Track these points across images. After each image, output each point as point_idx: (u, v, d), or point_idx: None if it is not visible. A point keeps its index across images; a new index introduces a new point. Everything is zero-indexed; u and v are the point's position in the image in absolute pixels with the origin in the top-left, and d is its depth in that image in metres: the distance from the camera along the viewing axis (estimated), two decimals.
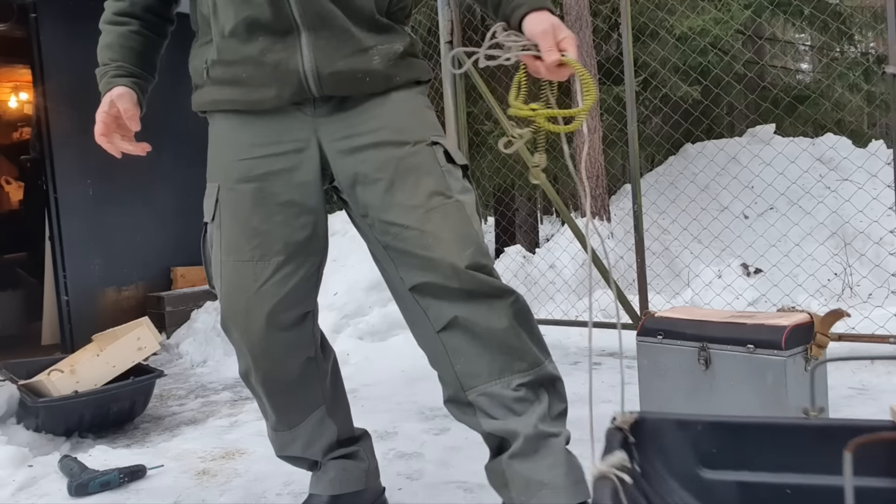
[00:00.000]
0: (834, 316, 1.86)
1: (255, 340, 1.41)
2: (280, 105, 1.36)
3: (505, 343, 1.32)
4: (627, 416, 0.91)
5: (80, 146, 4.11)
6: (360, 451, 1.60)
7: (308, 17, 1.31)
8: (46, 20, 3.99)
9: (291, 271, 1.40)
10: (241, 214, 1.40)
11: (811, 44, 7.92)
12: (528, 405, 1.33)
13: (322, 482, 1.57)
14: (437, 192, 1.33)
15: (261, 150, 1.39)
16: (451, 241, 1.31)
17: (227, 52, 1.36)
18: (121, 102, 1.41)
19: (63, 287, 4.06)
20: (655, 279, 4.53)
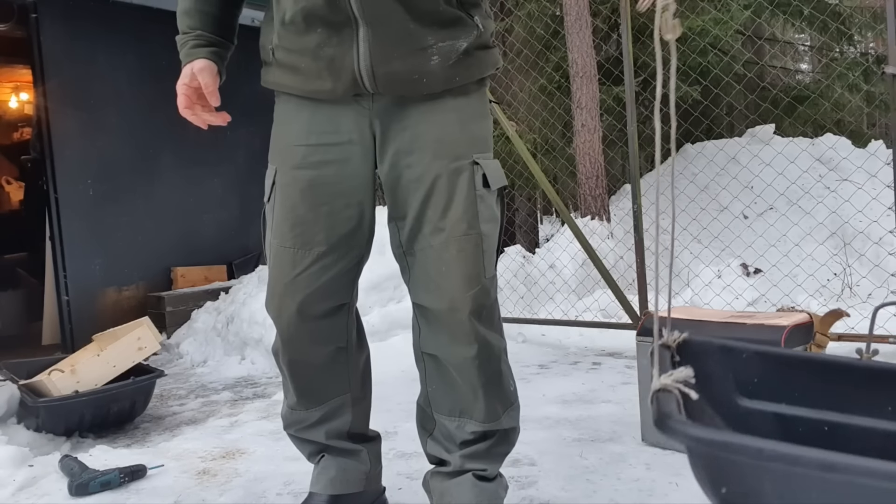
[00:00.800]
0: (833, 316, 1.86)
1: (286, 326, 1.43)
2: (335, 97, 1.35)
3: (467, 396, 1.40)
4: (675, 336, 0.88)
5: (81, 146, 4.12)
6: (363, 452, 1.60)
7: (366, 11, 1.27)
8: (47, 20, 3.99)
9: (331, 263, 1.40)
10: (290, 200, 1.40)
11: (811, 44, 7.92)
12: (468, 446, 1.43)
13: (322, 481, 1.57)
14: (464, 220, 1.33)
15: (317, 137, 1.38)
16: (459, 279, 1.33)
17: (286, 40, 1.36)
18: (202, 76, 1.40)
19: (63, 287, 4.06)
20: (655, 279, 4.53)
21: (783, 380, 0.87)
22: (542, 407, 2.56)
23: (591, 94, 5.03)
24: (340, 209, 1.39)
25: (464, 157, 1.35)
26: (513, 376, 1.48)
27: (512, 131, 3.99)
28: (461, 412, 1.42)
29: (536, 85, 6.07)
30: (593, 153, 5.05)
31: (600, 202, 5.04)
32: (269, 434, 2.38)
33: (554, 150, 5.78)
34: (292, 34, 1.34)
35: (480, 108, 1.42)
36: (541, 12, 5.80)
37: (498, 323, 1.43)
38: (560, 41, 5.60)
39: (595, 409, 2.50)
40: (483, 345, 1.36)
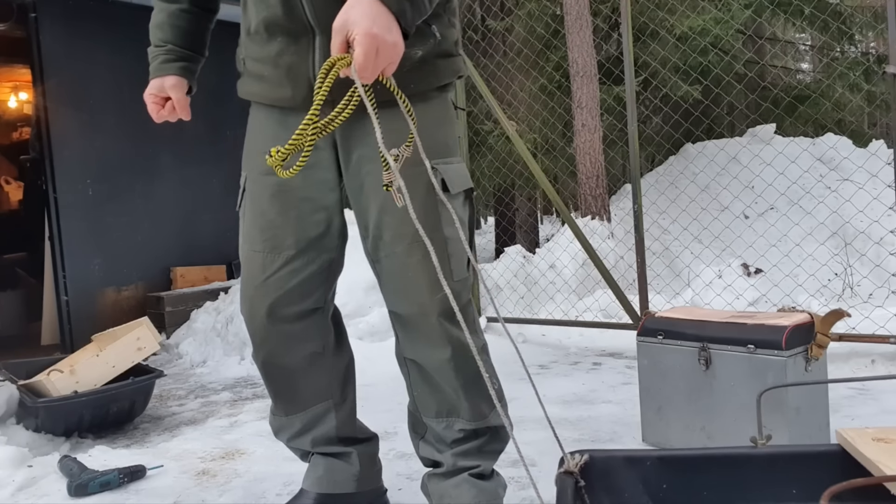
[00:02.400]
0: (834, 316, 1.86)
1: (256, 329, 1.46)
2: (296, 105, 1.37)
3: (451, 397, 1.42)
4: (577, 459, 0.90)
5: (80, 146, 4.11)
6: (353, 454, 1.60)
7: (321, 20, 1.29)
8: (46, 20, 3.98)
9: (300, 266, 1.42)
10: (259, 206, 1.43)
11: (811, 44, 7.92)
12: (459, 444, 1.44)
13: (310, 478, 1.59)
14: (425, 225, 1.31)
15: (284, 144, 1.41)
16: (425, 284, 1.34)
17: (251, 50, 1.40)
18: (174, 93, 1.47)
19: (63, 287, 4.05)
20: (656, 279, 4.53)
21: (690, 480, 0.89)
22: None
23: (592, 94, 5.02)
24: (309, 213, 1.41)
25: (421, 163, 1.32)
26: (495, 374, 1.47)
27: (512, 131, 3.99)
28: (448, 412, 1.43)
29: (537, 84, 6.06)
30: (593, 153, 5.04)
31: (600, 202, 5.03)
32: (269, 434, 2.36)
33: (554, 150, 5.77)
34: (256, 44, 1.38)
35: (441, 113, 1.42)
36: (541, 12, 5.80)
37: (473, 323, 1.44)
38: (560, 40, 5.60)
39: (595, 410, 2.49)
40: (457, 346, 1.37)
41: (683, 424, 1.93)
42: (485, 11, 6.75)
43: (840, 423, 2.15)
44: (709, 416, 1.88)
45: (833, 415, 1.97)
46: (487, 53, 5.45)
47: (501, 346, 3.95)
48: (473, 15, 7.01)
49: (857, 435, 0.89)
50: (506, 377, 3.06)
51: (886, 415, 2.27)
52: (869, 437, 0.88)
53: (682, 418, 1.94)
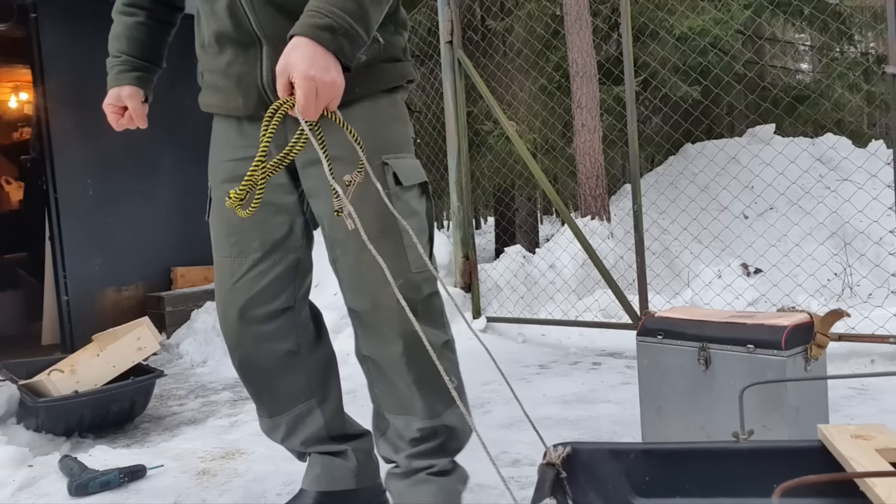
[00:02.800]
0: (834, 316, 1.86)
1: (230, 331, 1.50)
2: (249, 114, 1.42)
3: (406, 393, 1.42)
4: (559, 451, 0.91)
5: (80, 146, 4.11)
6: (348, 450, 1.61)
7: (267, 31, 1.33)
8: (46, 20, 3.99)
9: (267, 268, 1.46)
10: (224, 213, 1.47)
11: (811, 44, 7.92)
12: (417, 444, 1.45)
13: (309, 477, 1.61)
14: (378, 219, 1.35)
15: (242, 152, 1.45)
16: (380, 278, 1.34)
17: (205, 62, 1.45)
18: (130, 102, 1.54)
19: (63, 287, 4.06)
20: (655, 279, 4.53)
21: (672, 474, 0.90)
22: (542, 407, 2.56)
23: (591, 94, 5.02)
24: (271, 216, 1.45)
25: (372, 160, 1.36)
26: (456, 372, 1.48)
27: (512, 131, 3.99)
28: (406, 410, 1.44)
29: (536, 85, 6.07)
30: (593, 153, 5.04)
31: (600, 202, 5.04)
32: None
33: (554, 150, 5.77)
34: (210, 56, 1.43)
35: (391, 113, 1.44)
36: (541, 12, 5.80)
37: (438, 317, 1.45)
38: (560, 41, 5.60)
39: (595, 410, 2.50)
40: (411, 341, 1.37)
41: (683, 424, 1.94)
42: (485, 12, 6.75)
43: (839, 422, 2.15)
44: (708, 416, 1.88)
45: (833, 414, 1.97)
46: (487, 54, 5.45)
47: (502, 347, 3.97)
48: (473, 15, 7.01)
49: (837, 431, 0.90)
50: (506, 377, 3.03)
51: (886, 414, 2.28)
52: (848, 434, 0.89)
53: (681, 418, 1.94)
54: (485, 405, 2.61)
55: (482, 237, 10.08)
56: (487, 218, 11.99)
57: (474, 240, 4.28)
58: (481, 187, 6.66)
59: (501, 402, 2.64)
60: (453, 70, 4.07)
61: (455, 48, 4.05)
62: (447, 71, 4.10)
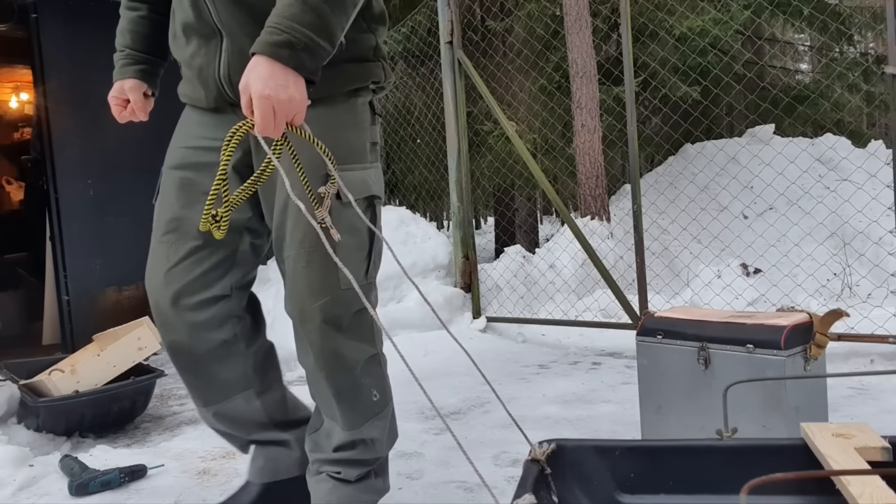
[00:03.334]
0: (833, 316, 1.86)
1: (162, 316, 1.49)
2: (210, 106, 1.43)
3: (329, 402, 1.44)
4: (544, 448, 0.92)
5: (81, 146, 4.11)
6: (291, 440, 1.61)
7: (227, 24, 1.34)
8: (47, 20, 3.99)
9: (204, 256, 1.47)
10: (167, 197, 1.51)
11: (810, 44, 7.93)
12: (338, 451, 1.47)
13: (253, 469, 1.62)
14: (314, 232, 1.33)
15: (199, 141, 1.47)
16: (307, 290, 1.37)
17: (176, 52, 1.48)
18: (131, 94, 1.56)
19: (64, 287, 4.06)
20: (655, 279, 4.53)
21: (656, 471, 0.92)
22: (541, 407, 2.56)
23: (591, 95, 5.03)
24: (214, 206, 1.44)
25: (315, 172, 1.34)
26: (380, 386, 1.48)
27: (512, 131, 3.99)
28: (331, 416, 1.47)
29: (536, 85, 6.07)
30: (593, 153, 5.05)
31: (600, 202, 5.04)
32: None
33: (554, 150, 5.78)
34: (178, 47, 1.45)
35: (346, 119, 1.41)
36: (541, 12, 5.81)
37: (367, 332, 1.45)
38: (560, 41, 5.61)
39: (595, 409, 2.50)
40: (332, 356, 1.39)
41: (683, 424, 1.94)
42: (484, 12, 6.76)
43: (839, 422, 2.15)
44: (708, 416, 1.88)
45: (832, 414, 1.98)
46: (487, 54, 5.45)
47: (502, 347, 3.98)
48: (473, 15, 7.01)
49: (819, 430, 0.91)
50: (506, 377, 3.08)
51: (886, 414, 2.28)
52: (830, 433, 0.90)
53: (681, 418, 1.94)
54: (485, 405, 2.61)
55: (482, 237, 10.08)
56: (487, 218, 12.00)
57: (474, 240, 4.29)
58: (481, 187, 6.66)
59: None
60: (453, 70, 4.08)
61: (455, 48, 4.06)
62: (447, 71, 4.11)
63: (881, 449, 0.85)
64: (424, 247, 4.27)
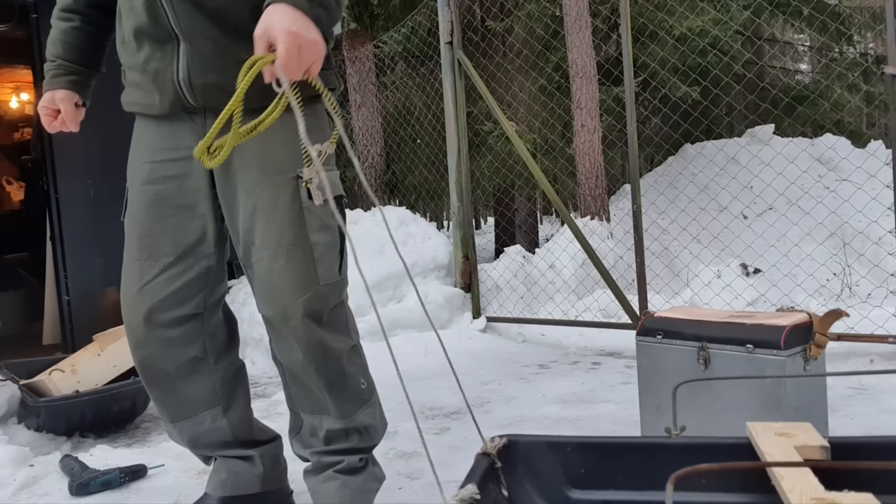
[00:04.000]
0: (833, 316, 1.86)
1: (133, 333, 1.49)
2: (165, 112, 1.43)
3: (319, 396, 1.46)
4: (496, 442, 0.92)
5: (81, 147, 4.11)
6: (255, 456, 1.61)
7: (183, 28, 1.35)
8: (47, 21, 3.96)
9: (178, 273, 1.47)
10: (137, 214, 1.49)
11: (810, 44, 7.93)
12: (329, 443, 1.48)
13: (213, 482, 1.61)
14: (290, 231, 1.37)
15: (160, 154, 1.47)
16: (289, 288, 1.38)
17: (125, 58, 1.47)
18: (62, 105, 1.55)
19: (64, 287, 4.06)
20: (655, 279, 4.53)
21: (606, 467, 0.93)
22: (541, 407, 2.57)
23: (591, 95, 5.03)
24: (185, 221, 1.46)
25: (287, 171, 1.39)
26: (365, 374, 1.52)
27: (511, 132, 4.00)
28: (319, 410, 1.48)
29: (536, 85, 6.07)
30: (593, 153, 5.05)
31: (600, 202, 5.04)
32: None
33: (554, 151, 5.78)
34: (128, 52, 1.45)
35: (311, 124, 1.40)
36: (541, 12, 5.81)
37: (343, 325, 1.48)
38: (560, 41, 5.61)
39: (595, 409, 2.50)
40: (320, 349, 1.41)
41: (682, 423, 1.94)
42: (484, 12, 6.76)
43: (839, 422, 2.16)
44: (708, 416, 1.88)
45: (832, 414, 1.98)
46: (487, 54, 5.45)
47: (501, 347, 3.97)
48: (473, 16, 7.02)
49: (763, 429, 0.93)
50: (505, 377, 3.09)
51: (885, 414, 2.28)
52: (773, 432, 0.92)
53: (680, 418, 1.94)
54: (485, 405, 2.61)
55: (482, 237, 10.08)
56: (487, 218, 11.99)
57: (474, 240, 4.29)
58: (481, 187, 6.66)
59: (501, 401, 2.65)
60: (453, 70, 4.08)
61: (455, 49, 4.06)
62: (447, 71, 4.11)
63: (820, 448, 0.87)
64: (424, 247, 4.27)
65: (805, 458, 0.85)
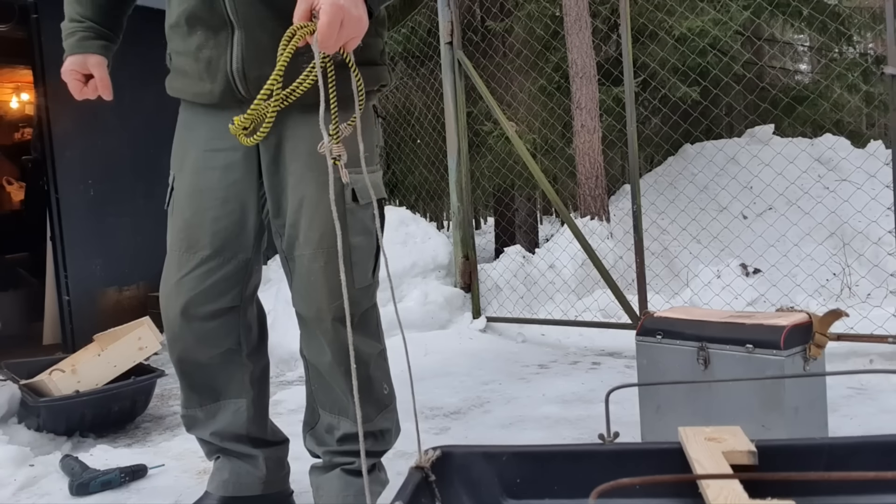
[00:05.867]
0: (833, 316, 1.87)
1: (170, 325, 1.49)
2: (214, 101, 1.39)
3: (341, 398, 1.46)
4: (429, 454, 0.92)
5: (81, 146, 4.12)
6: (260, 457, 1.60)
7: (240, 16, 1.30)
8: (47, 21, 3.99)
9: (216, 266, 1.44)
10: (179, 205, 1.46)
11: (810, 44, 7.93)
12: (343, 443, 1.48)
13: (215, 481, 1.60)
14: (332, 232, 1.33)
15: (206, 143, 1.43)
16: (326, 290, 1.37)
17: (174, 43, 1.42)
18: (97, 70, 1.48)
19: (64, 287, 4.06)
20: (654, 279, 4.53)
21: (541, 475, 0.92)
22: (541, 407, 2.57)
23: (591, 95, 5.03)
24: (226, 214, 1.43)
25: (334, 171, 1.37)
26: (388, 380, 1.53)
27: (511, 132, 4.00)
28: (339, 411, 1.47)
29: (536, 85, 6.07)
30: (593, 153, 5.05)
31: (600, 202, 5.04)
32: None
33: (554, 151, 5.78)
34: (178, 37, 1.39)
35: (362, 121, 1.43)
36: (540, 13, 5.81)
37: (373, 329, 1.49)
38: (560, 42, 5.61)
39: (595, 409, 2.50)
40: (346, 354, 1.38)
41: (682, 424, 1.94)
42: (484, 12, 6.76)
43: (838, 422, 2.16)
44: (707, 416, 1.89)
45: (832, 414, 1.98)
46: (487, 54, 5.46)
47: (501, 346, 3.97)
48: (473, 16, 7.02)
49: (692, 433, 0.94)
50: (505, 377, 3.09)
51: (885, 414, 2.29)
52: (702, 437, 0.93)
53: (680, 418, 1.95)
54: (484, 405, 2.61)
55: (482, 237, 10.08)
56: (487, 218, 11.99)
57: (474, 240, 4.29)
58: (481, 187, 6.66)
59: (501, 401, 2.65)
60: (453, 71, 4.08)
61: (455, 49, 4.06)
62: (447, 71, 4.11)
63: (747, 453, 0.88)
64: (424, 247, 4.27)
65: (732, 462, 0.86)
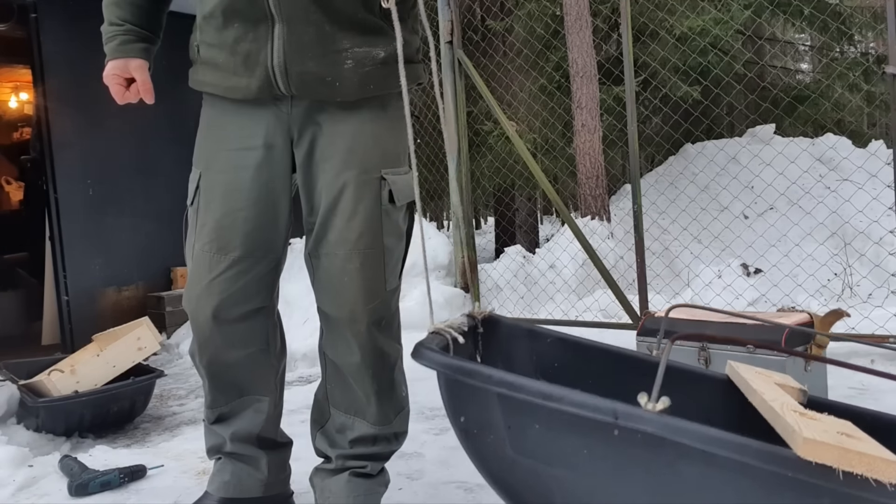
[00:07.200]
0: (834, 316, 1.86)
1: (200, 328, 1.44)
2: (250, 97, 1.36)
3: (361, 400, 1.45)
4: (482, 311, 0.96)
5: (81, 146, 4.11)
6: (263, 460, 1.58)
7: (283, 9, 1.28)
8: (46, 20, 3.99)
9: (247, 267, 1.41)
10: (209, 204, 1.42)
11: (811, 44, 7.92)
12: (356, 446, 1.47)
13: (216, 482, 1.58)
14: (368, 233, 1.35)
15: (237, 142, 1.40)
16: (360, 292, 1.36)
17: (207, 35, 1.37)
18: (139, 74, 1.44)
19: (63, 287, 4.06)
20: (655, 279, 4.53)
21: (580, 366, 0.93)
22: None
23: (591, 94, 5.03)
24: (257, 215, 1.40)
25: (372, 170, 1.36)
26: (405, 382, 1.53)
27: (512, 131, 3.99)
28: (356, 412, 1.46)
29: (536, 85, 6.07)
30: (593, 153, 5.05)
31: (600, 202, 5.04)
32: None
33: (554, 150, 5.78)
34: (212, 29, 1.35)
35: (396, 121, 1.42)
36: (541, 12, 5.80)
37: (396, 332, 1.48)
38: (560, 41, 5.60)
39: None
40: (378, 355, 1.41)
41: None
42: (485, 12, 6.75)
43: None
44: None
45: None
46: (487, 54, 5.45)
47: None
48: (473, 15, 7.01)
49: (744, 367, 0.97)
50: None
51: None
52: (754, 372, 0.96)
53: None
54: None
55: (482, 237, 10.08)
56: (487, 218, 12.00)
57: (474, 240, 4.28)
58: (481, 187, 6.66)
59: None
60: (453, 70, 4.08)
61: (455, 48, 4.06)
62: (447, 71, 4.11)
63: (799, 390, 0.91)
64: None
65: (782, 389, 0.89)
